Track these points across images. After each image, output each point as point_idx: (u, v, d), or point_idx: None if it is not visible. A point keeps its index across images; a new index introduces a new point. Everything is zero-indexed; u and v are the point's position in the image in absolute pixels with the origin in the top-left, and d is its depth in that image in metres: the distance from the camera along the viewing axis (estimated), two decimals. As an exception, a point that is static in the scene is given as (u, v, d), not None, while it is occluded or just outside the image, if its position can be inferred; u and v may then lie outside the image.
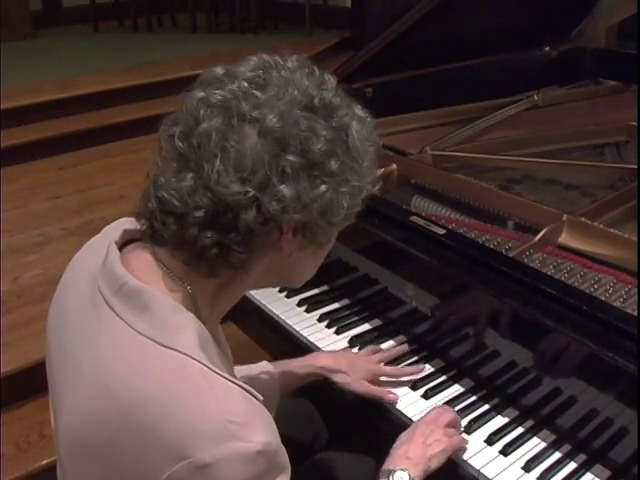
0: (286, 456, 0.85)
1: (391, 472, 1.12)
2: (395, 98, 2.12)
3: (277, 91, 0.84)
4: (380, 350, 1.49)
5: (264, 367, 1.35)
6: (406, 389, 1.40)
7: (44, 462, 2.00)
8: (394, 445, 1.20)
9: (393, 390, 1.38)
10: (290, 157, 0.81)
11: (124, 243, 0.96)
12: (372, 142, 0.92)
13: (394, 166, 1.79)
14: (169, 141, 0.85)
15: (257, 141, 0.81)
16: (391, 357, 1.47)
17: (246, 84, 0.84)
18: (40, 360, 2.16)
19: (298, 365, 1.39)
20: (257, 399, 0.86)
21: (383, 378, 1.42)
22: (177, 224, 0.84)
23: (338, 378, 1.37)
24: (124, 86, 4.52)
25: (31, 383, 2.20)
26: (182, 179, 0.82)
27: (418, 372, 1.42)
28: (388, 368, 1.43)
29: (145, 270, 0.91)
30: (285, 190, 0.81)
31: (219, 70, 0.88)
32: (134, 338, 0.84)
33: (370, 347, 1.50)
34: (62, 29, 6.40)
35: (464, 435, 1.28)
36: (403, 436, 1.22)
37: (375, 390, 1.38)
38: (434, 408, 1.31)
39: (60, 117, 4.24)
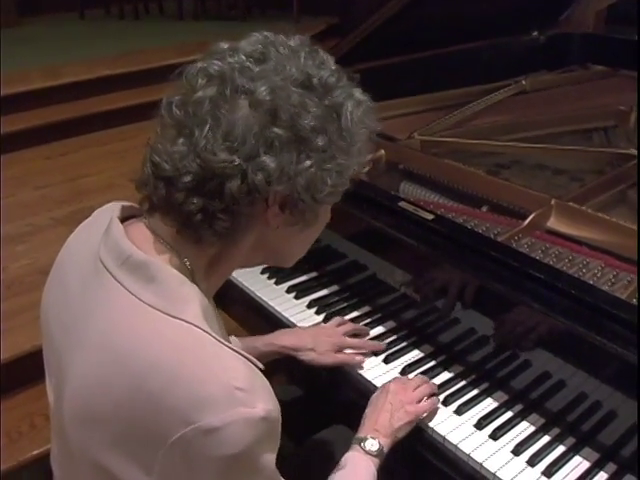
0: (279, 427, 0.89)
1: (362, 440, 1.18)
2: (383, 83, 2.10)
3: (274, 66, 0.86)
4: (346, 322, 1.53)
5: (232, 341, 1.36)
6: (394, 374, 1.40)
7: (35, 452, 2.00)
8: (365, 412, 1.26)
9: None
10: (279, 130, 0.83)
11: (123, 219, 0.98)
12: (366, 125, 0.93)
13: (382, 152, 1.79)
14: (168, 109, 0.88)
15: (248, 112, 0.83)
16: (355, 330, 1.50)
17: (244, 57, 0.86)
18: (31, 350, 2.19)
19: (263, 343, 1.43)
20: (258, 367, 0.89)
21: (348, 351, 1.46)
22: (166, 188, 0.86)
23: (303, 356, 1.42)
24: (111, 74, 4.49)
25: (22, 374, 2.19)
26: (175, 144, 0.85)
27: (380, 347, 1.47)
28: (352, 340, 1.47)
29: (145, 243, 0.93)
30: (270, 162, 0.83)
31: (223, 44, 0.90)
32: (142, 309, 0.86)
33: (337, 318, 1.53)
34: (47, 17, 6.35)
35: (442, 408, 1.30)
36: (372, 405, 1.27)
37: (341, 358, 1.43)
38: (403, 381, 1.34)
39: (47, 106, 4.21)
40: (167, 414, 0.81)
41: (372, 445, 1.16)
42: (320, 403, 1.58)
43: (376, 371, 1.42)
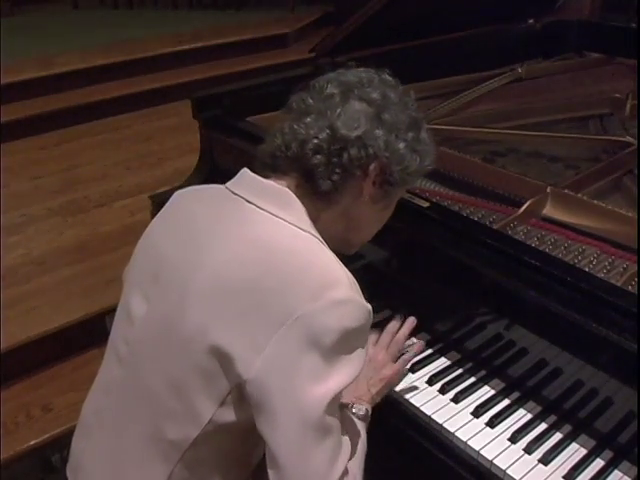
0: None
1: (347, 406, 1.23)
2: (378, 72, 2.11)
3: (378, 86, 1.15)
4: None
5: None
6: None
7: (32, 442, 2.00)
8: None
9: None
10: (385, 116, 1.11)
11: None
12: (430, 143, 1.21)
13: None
14: (300, 102, 1.15)
15: (366, 106, 1.12)
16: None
17: (365, 80, 1.16)
18: (26, 341, 2.19)
19: None
20: None
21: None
22: (299, 147, 1.11)
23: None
24: (105, 63, 4.47)
25: (17, 365, 2.20)
26: (305, 118, 1.12)
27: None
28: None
29: None
30: (380, 135, 1.10)
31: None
32: (279, 222, 1.08)
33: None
34: (41, 6, 6.30)
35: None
36: None
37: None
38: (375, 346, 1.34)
39: (41, 96, 4.19)
40: (299, 291, 0.99)
41: (359, 410, 1.23)
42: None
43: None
